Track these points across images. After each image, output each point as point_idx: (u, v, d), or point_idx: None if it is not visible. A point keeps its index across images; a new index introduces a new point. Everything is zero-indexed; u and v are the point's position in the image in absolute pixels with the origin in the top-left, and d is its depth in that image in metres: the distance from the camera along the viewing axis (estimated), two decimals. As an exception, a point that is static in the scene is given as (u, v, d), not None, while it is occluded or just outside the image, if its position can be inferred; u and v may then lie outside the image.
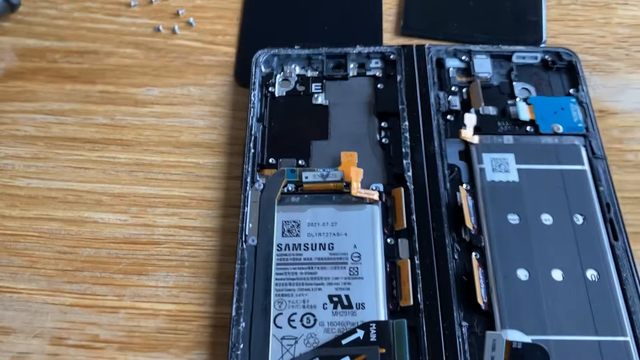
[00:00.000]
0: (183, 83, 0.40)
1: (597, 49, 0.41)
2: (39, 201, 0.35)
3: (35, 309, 0.32)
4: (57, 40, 0.42)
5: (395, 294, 0.30)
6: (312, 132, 0.36)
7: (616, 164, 0.36)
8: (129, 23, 0.43)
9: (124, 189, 0.36)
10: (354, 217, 0.33)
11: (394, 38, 0.42)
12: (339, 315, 0.30)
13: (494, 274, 0.31)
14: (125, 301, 0.32)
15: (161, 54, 0.41)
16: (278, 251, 0.32)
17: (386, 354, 0.28)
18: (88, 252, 0.34)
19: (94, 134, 0.38)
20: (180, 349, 0.31)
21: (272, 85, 0.38)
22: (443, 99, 0.37)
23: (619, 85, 0.39)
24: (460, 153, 0.35)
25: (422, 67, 0.38)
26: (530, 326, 0.29)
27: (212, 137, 0.37)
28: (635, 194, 0.35)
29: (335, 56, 0.39)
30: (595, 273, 0.31)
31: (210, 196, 0.35)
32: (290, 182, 0.34)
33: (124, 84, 0.40)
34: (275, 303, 0.30)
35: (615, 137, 0.37)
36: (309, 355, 0.28)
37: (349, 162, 0.34)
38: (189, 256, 0.33)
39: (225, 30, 0.42)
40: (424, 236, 0.32)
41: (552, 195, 0.33)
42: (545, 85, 0.38)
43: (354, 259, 0.31)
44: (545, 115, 0.36)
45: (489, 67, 0.38)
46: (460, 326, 0.29)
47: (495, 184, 0.33)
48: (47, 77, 0.40)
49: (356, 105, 0.37)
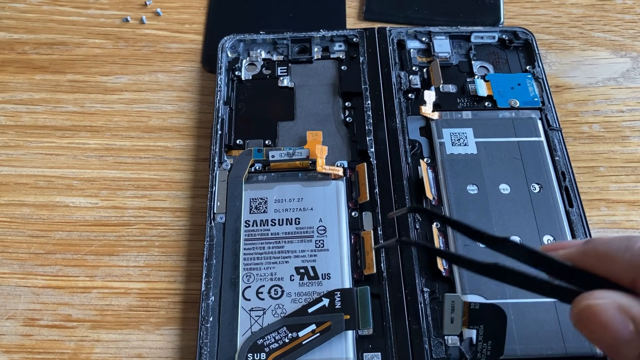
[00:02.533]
0: (151, 70, 0.41)
1: (552, 29, 0.42)
2: (10, 187, 0.36)
3: (8, 291, 0.32)
4: (26, 33, 0.43)
5: (360, 264, 0.31)
6: (278, 114, 0.37)
7: (571, 136, 0.37)
8: (98, 15, 0.44)
9: (94, 173, 0.36)
10: (320, 193, 0.33)
11: (357, 23, 0.43)
12: (306, 286, 0.31)
13: (454, 242, 0.32)
14: (97, 281, 0.33)
15: (129, 44, 0.42)
16: (246, 227, 0.32)
17: (350, 320, 0.29)
18: (60, 235, 0.34)
19: (64, 122, 0.38)
20: (151, 325, 0.31)
21: (238, 69, 0.39)
22: (404, 78, 0.38)
23: (573, 62, 0.40)
24: (421, 129, 0.36)
25: (383, 48, 0.39)
26: (490, 291, 0.30)
27: (181, 121, 0.38)
28: (590, 164, 0.36)
29: (300, 40, 0.40)
30: (552, 238, 0.32)
31: (179, 178, 0.36)
32: (257, 161, 0.35)
33: (93, 73, 0.41)
34: (244, 277, 0.31)
35: (570, 110, 0.38)
36: (277, 324, 0.29)
37: (315, 140, 0.35)
38: (159, 236, 0.34)
39: (192, 19, 0.43)
40: (387, 208, 0.33)
41: (509, 166, 0.34)
42: (503, 63, 0.39)
43: (320, 232, 0.32)
44: (503, 91, 0.37)
45: (448, 47, 0.39)
46: (422, 292, 0.31)
47: (454, 157, 0.34)
48: (17, 68, 0.41)
49: (321, 87, 0.38)
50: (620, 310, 0.20)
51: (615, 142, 0.37)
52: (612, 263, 0.22)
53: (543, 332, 0.29)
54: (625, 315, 0.20)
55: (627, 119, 0.38)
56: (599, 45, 0.41)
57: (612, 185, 0.36)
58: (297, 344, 0.28)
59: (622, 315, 0.20)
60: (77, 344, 0.31)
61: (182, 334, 0.31)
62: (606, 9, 0.43)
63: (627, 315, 0.20)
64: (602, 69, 0.40)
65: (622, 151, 0.37)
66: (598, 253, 0.22)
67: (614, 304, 0.20)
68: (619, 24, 0.42)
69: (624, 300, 0.20)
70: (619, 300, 0.20)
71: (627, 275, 0.21)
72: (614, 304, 0.20)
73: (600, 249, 0.22)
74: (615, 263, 0.21)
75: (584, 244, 0.23)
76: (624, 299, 0.21)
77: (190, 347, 0.31)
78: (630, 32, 0.42)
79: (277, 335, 0.29)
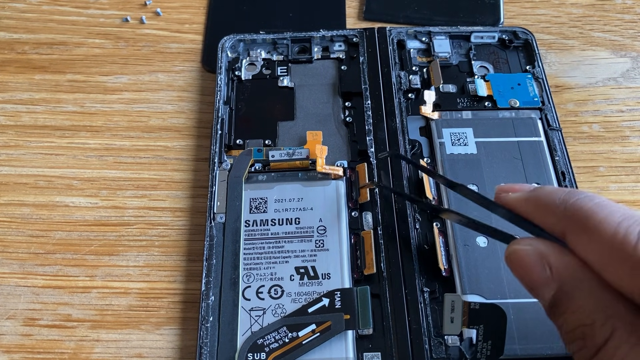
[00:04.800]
0: (151, 70, 0.41)
1: (552, 28, 0.42)
2: (10, 187, 0.36)
3: (8, 291, 0.32)
4: (26, 33, 0.43)
5: (360, 264, 0.31)
6: (278, 113, 0.37)
7: (571, 136, 0.37)
8: (97, 15, 0.44)
9: (94, 173, 0.36)
10: (320, 193, 0.34)
11: (357, 23, 0.43)
12: (306, 286, 0.31)
13: (454, 241, 0.32)
14: (96, 281, 0.33)
15: (129, 44, 0.42)
16: (246, 227, 0.32)
17: (350, 319, 0.29)
18: (60, 235, 0.34)
19: (64, 122, 0.38)
20: (151, 325, 0.31)
21: (238, 69, 0.39)
22: (404, 78, 0.38)
23: (573, 62, 0.40)
24: (421, 129, 0.36)
25: (383, 48, 0.39)
26: (490, 291, 0.30)
27: (180, 121, 0.38)
28: (589, 164, 0.36)
29: (299, 40, 0.40)
30: (552, 238, 0.32)
31: (179, 178, 0.36)
32: (257, 161, 0.35)
33: (93, 72, 0.41)
34: (244, 277, 0.31)
35: (570, 110, 0.38)
36: (276, 324, 0.29)
37: (315, 140, 0.35)
38: (159, 236, 0.34)
39: (192, 19, 0.43)
40: (387, 208, 0.33)
41: (509, 166, 0.34)
42: (503, 63, 0.39)
43: (320, 232, 0.32)
44: (503, 90, 0.37)
45: (448, 47, 0.39)
46: (422, 292, 0.31)
47: (454, 157, 0.34)
48: (17, 68, 0.41)
49: (321, 87, 0.38)
50: (541, 256, 0.23)
51: (615, 142, 0.37)
52: (548, 213, 0.23)
53: (543, 332, 0.29)
54: (544, 262, 0.22)
55: (627, 119, 0.38)
56: (599, 45, 0.41)
57: (612, 185, 0.36)
58: (297, 344, 0.28)
59: (541, 261, 0.23)
60: (77, 343, 0.31)
61: (182, 334, 0.31)
62: (606, 9, 0.43)
63: (545, 261, 0.22)
64: (602, 69, 0.40)
65: (622, 151, 0.37)
66: (538, 201, 0.24)
67: (535, 250, 0.23)
68: (618, 24, 0.42)
69: (544, 248, 0.23)
70: (541, 248, 0.23)
71: (559, 226, 0.23)
72: (536, 251, 0.23)
73: (541, 198, 0.24)
74: (551, 214, 0.23)
75: (530, 192, 0.25)
76: (545, 247, 0.23)
77: (190, 347, 0.31)
78: (630, 32, 0.42)
79: (277, 335, 0.29)
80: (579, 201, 0.22)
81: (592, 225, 0.21)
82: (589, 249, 0.22)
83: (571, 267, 0.22)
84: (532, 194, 0.25)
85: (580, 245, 0.22)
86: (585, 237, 0.22)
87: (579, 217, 0.22)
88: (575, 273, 0.22)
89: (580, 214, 0.22)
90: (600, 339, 0.20)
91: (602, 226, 0.21)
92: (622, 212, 0.21)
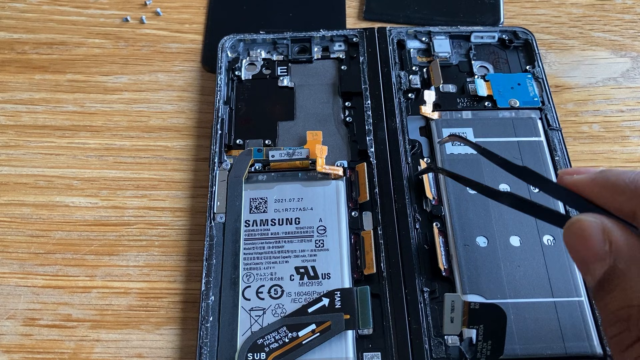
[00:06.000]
0: (151, 70, 0.41)
1: (552, 28, 0.42)
2: (10, 187, 0.36)
3: (8, 291, 0.32)
4: (26, 33, 0.43)
5: (360, 264, 0.31)
6: (278, 113, 0.37)
7: (571, 136, 0.37)
8: (97, 14, 0.44)
9: (94, 173, 0.36)
10: (320, 193, 0.33)
11: (357, 23, 0.43)
12: (306, 286, 0.31)
13: (454, 241, 0.32)
14: (96, 281, 0.33)
15: (129, 43, 0.42)
16: (246, 227, 0.32)
17: (350, 319, 0.29)
18: (60, 235, 0.34)
19: (64, 122, 0.38)
20: (151, 325, 0.31)
21: (238, 69, 0.39)
22: (404, 78, 0.38)
23: (573, 61, 0.40)
24: (421, 129, 0.36)
25: (383, 48, 0.39)
26: (490, 291, 0.30)
27: (180, 121, 0.38)
28: (589, 163, 0.36)
29: (299, 40, 0.40)
30: (552, 238, 0.32)
31: (179, 177, 0.36)
32: (257, 161, 0.35)
33: (93, 72, 0.41)
34: (244, 276, 0.31)
35: (570, 110, 0.38)
36: (276, 324, 0.29)
37: (315, 140, 0.35)
38: (159, 236, 0.34)
39: (192, 19, 0.43)
40: (387, 208, 0.33)
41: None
42: (503, 63, 0.39)
43: (320, 232, 0.32)
44: (503, 90, 0.37)
45: (448, 47, 0.39)
46: (422, 292, 0.31)
47: (454, 157, 0.34)
48: (17, 68, 0.41)
49: (321, 87, 0.38)
50: (603, 230, 0.22)
51: (615, 142, 0.37)
52: (617, 193, 0.23)
53: (543, 332, 0.29)
54: (606, 236, 0.22)
55: (627, 119, 0.38)
56: (599, 45, 0.41)
57: (612, 185, 0.35)
58: (297, 344, 0.28)
59: (603, 235, 0.22)
60: (77, 343, 0.31)
61: (182, 334, 0.31)
62: (606, 9, 0.43)
63: (607, 236, 0.22)
64: (602, 69, 0.40)
65: (622, 151, 0.37)
66: (607, 182, 0.23)
67: (599, 224, 0.22)
68: (618, 23, 0.42)
69: (609, 224, 0.22)
70: (605, 222, 0.22)
71: (628, 205, 0.22)
72: (599, 225, 0.22)
73: (610, 178, 0.23)
74: (620, 193, 0.23)
75: (597, 173, 0.24)
76: (610, 223, 0.22)
77: (190, 347, 0.31)
78: (630, 32, 0.42)
79: (277, 335, 0.29)
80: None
81: None
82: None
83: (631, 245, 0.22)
84: (600, 175, 0.24)
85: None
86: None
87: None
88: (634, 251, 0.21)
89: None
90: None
91: None
92: None
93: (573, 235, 0.23)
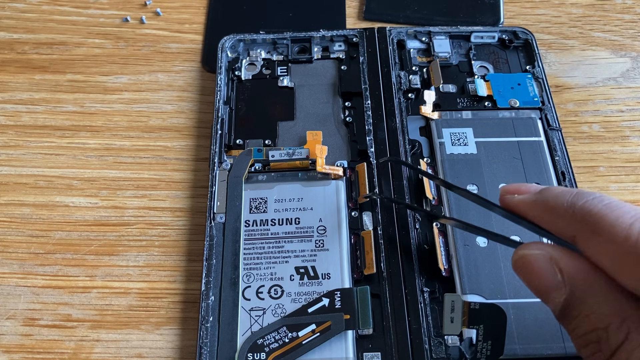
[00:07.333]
0: (151, 70, 0.41)
1: (552, 28, 0.42)
2: (10, 187, 0.36)
3: (8, 291, 0.32)
4: (26, 33, 0.43)
5: (360, 264, 0.31)
6: (278, 113, 0.37)
7: (571, 136, 0.37)
8: (97, 15, 0.44)
9: (94, 173, 0.36)
10: (320, 193, 0.33)
11: (357, 23, 0.43)
12: (306, 286, 0.31)
13: (454, 241, 0.32)
14: (96, 281, 0.33)
15: (129, 43, 0.42)
16: (246, 227, 0.32)
17: (350, 319, 0.29)
18: (59, 235, 0.34)
19: (64, 122, 0.38)
20: (151, 325, 0.31)
21: (238, 69, 0.39)
22: (404, 78, 0.38)
23: (573, 61, 0.40)
24: (421, 129, 0.36)
25: (383, 48, 0.39)
26: (490, 291, 0.30)
27: (180, 121, 0.38)
28: (589, 163, 0.36)
29: (299, 40, 0.40)
30: (552, 238, 0.32)
31: (179, 178, 0.36)
32: (257, 161, 0.35)
33: (93, 72, 0.41)
34: (244, 276, 0.31)
35: (570, 110, 0.38)
36: (276, 324, 0.29)
37: (314, 140, 0.35)
38: (159, 236, 0.34)
39: (192, 19, 0.43)
40: (387, 208, 0.33)
41: (509, 166, 0.34)
42: (503, 63, 0.39)
43: (320, 232, 0.32)
44: (503, 90, 0.37)
45: (448, 47, 0.39)
46: (422, 292, 0.31)
47: (454, 157, 0.34)
48: (17, 68, 0.41)
49: (321, 87, 0.38)
50: (551, 261, 0.22)
51: (615, 142, 0.37)
52: (556, 216, 0.23)
53: (543, 332, 0.29)
54: (555, 266, 0.22)
55: (627, 119, 0.38)
56: (599, 45, 0.41)
57: (612, 185, 0.36)
58: (297, 344, 0.28)
59: (551, 266, 0.22)
60: (77, 343, 0.31)
61: (182, 334, 0.31)
62: (606, 8, 0.43)
63: (556, 266, 0.22)
64: (601, 69, 0.40)
65: (622, 151, 0.37)
66: (546, 206, 0.24)
67: (545, 255, 0.23)
68: (618, 23, 0.42)
69: (555, 252, 0.22)
70: (550, 252, 0.23)
71: (569, 230, 0.23)
72: (545, 256, 0.23)
73: (549, 202, 0.24)
74: (559, 217, 0.23)
75: (537, 194, 0.25)
76: (555, 251, 0.23)
77: (190, 347, 0.31)
78: (630, 32, 0.42)
79: (277, 335, 0.29)
80: (587, 203, 0.22)
81: (603, 228, 0.21)
82: (601, 252, 0.21)
83: (583, 271, 0.22)
84: (539, 196, 0.24)
85: (591, 248, 0.22)
86: (597, 240, 0.21)
87: (589, 220, 0.21)
88: (587, 277, 0.22)
89: (590, 216, 0.22)
90: (615, 342, 0.20)
91: (613, 229, 0.21)
92: (633, 213, 0.21)
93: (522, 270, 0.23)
